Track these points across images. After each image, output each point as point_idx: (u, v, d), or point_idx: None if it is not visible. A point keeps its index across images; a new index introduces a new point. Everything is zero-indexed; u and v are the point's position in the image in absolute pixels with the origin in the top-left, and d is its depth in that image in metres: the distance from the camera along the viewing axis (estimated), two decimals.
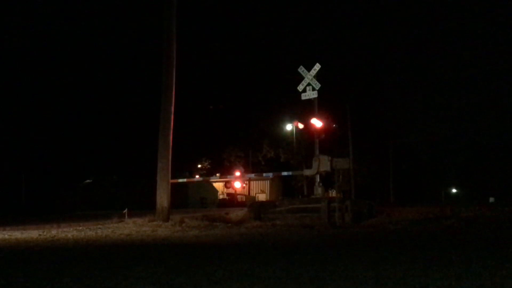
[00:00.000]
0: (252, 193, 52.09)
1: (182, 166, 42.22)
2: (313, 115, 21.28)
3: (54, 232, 15.76)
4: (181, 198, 37.98)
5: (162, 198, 19.19)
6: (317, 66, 20.77)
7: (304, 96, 21.10)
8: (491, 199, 47.66)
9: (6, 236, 14.57)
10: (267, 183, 56.40)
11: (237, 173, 34.21)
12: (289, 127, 48.41)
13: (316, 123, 21.35)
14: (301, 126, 22.09)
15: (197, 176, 35.32)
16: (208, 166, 60.89)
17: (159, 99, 20.08)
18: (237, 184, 34.41)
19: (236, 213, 21.48)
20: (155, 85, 22.00)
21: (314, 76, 20.80)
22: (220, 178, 43.81)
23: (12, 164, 50.00)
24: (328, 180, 29.38)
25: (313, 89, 20.71)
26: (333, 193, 35.98)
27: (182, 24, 21.76)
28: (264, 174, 40.19)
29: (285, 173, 31.46)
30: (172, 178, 20.70)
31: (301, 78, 20.92)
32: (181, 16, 20.89)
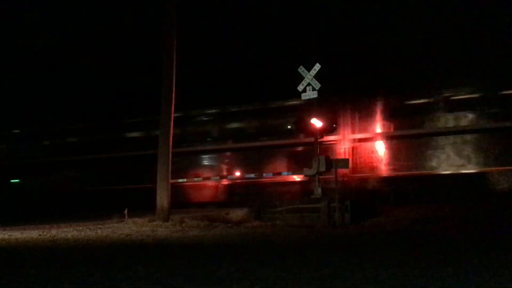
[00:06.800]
0: None
1: None
2: (312, 115, 21.21)
3: (54, 232, 15.75)
4: None
5: (162, 198, 19.17)
6: (317, 66, 20.75)
7: (304, 96, 21.09)
8: None
9: (6, 236, 14.56)
10: None
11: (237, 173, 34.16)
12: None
13: (316, 123, 21.30)
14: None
15: (195, 178, 35.59)
16: None
17: (159, 100, 20.07)
18: None
19: (236, 213, 21.43)
20: (155, 86, 21.92)
21: (314, 76, 20.80)
22: None
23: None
24: None
25: (313, 89, 20.71)
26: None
27: (182, 25, 21.64)
28: (264, 174, 40.22)
29: (285, 173, 31.42)
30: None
31: (301, 78, 20.93)
32: (181, 17, 20.83)
